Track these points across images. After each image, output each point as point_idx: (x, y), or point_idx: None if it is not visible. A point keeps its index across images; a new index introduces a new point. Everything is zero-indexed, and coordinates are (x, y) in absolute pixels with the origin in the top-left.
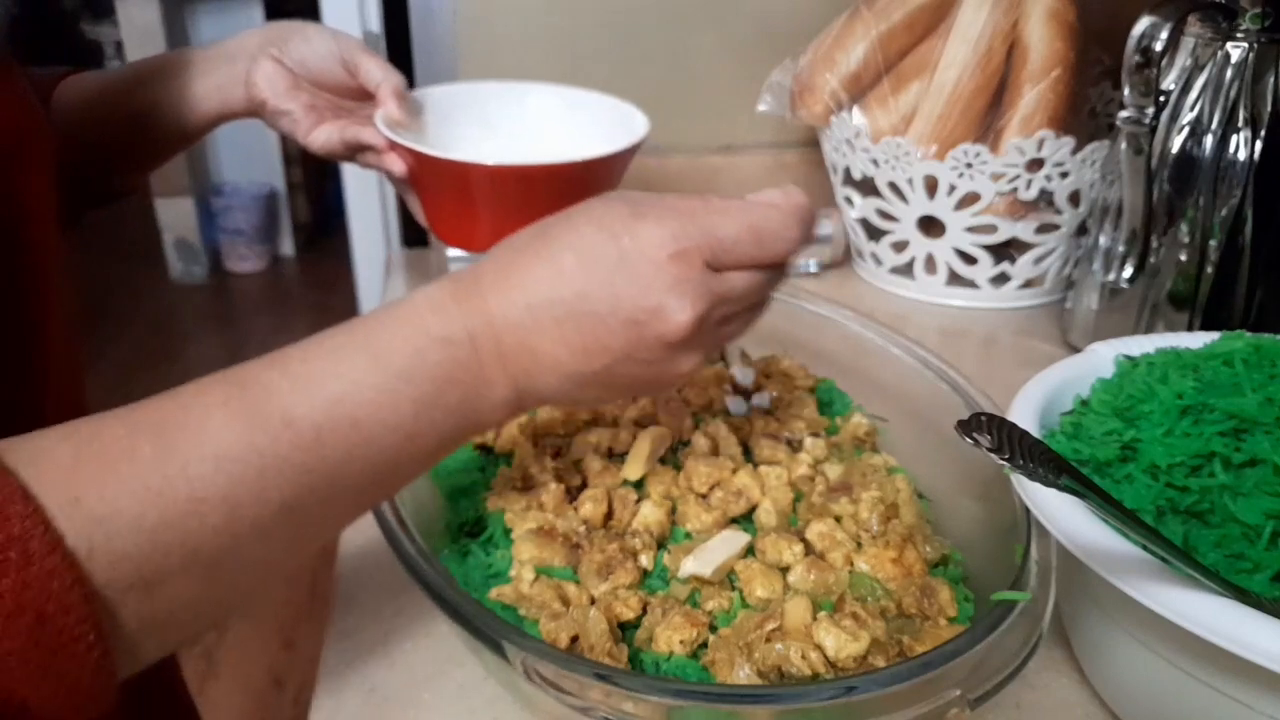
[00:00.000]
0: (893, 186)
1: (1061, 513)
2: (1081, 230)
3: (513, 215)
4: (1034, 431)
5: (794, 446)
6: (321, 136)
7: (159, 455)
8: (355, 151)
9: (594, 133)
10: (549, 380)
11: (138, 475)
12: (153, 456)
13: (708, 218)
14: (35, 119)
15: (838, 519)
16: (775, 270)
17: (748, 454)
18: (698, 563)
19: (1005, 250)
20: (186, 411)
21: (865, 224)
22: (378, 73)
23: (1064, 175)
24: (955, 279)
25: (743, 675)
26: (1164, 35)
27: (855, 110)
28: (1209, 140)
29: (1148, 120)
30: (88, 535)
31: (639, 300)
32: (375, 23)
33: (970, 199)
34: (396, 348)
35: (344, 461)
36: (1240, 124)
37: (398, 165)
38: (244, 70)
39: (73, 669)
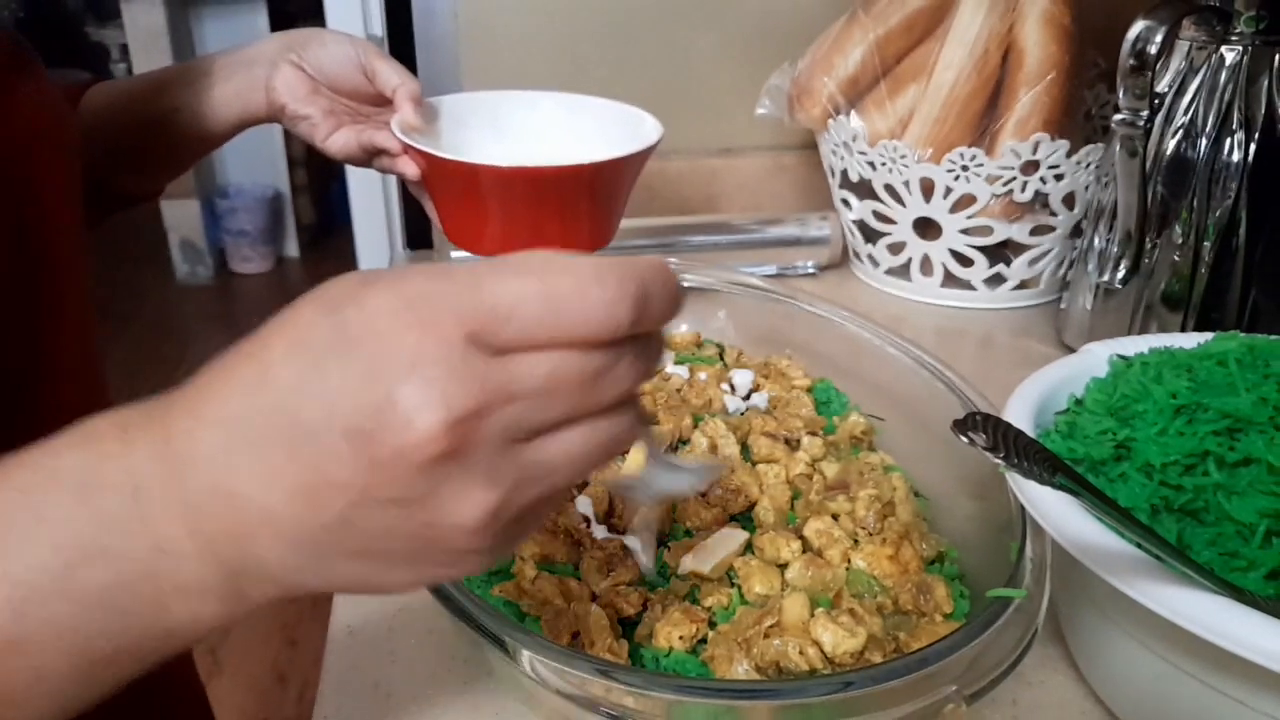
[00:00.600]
0: (889, 189)
1: (1056, 511)
2: (1076, 232)
3: (522, 218)
4: (1029, 430)
5: (792, 445)
6: (339, 141)
7: None
8: (372, 155)
9: (608, 139)
10: (269, 548)
11: None
12: None
13: (474, 276)
14: (57, 118)
15: (835, 517)
16: (610, 350)
17: (746, 453)
18: (697, 560)
19: (1001, 251)
20: None
21: (862, 226)
22: (394, 78)
23: (1059, 177)
24: (951, 280)
25: (741, 671)
26: (1159, 38)
27: (853, 113)
28: (1203, 143)
29: (1142, 123)
30: None
31: (361, 395)
32: (378, 25)
33: (966, 201)
34: (39, 486)
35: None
36: (1234, 126)
37: (411, 169)
38: (264, 76)
39: None
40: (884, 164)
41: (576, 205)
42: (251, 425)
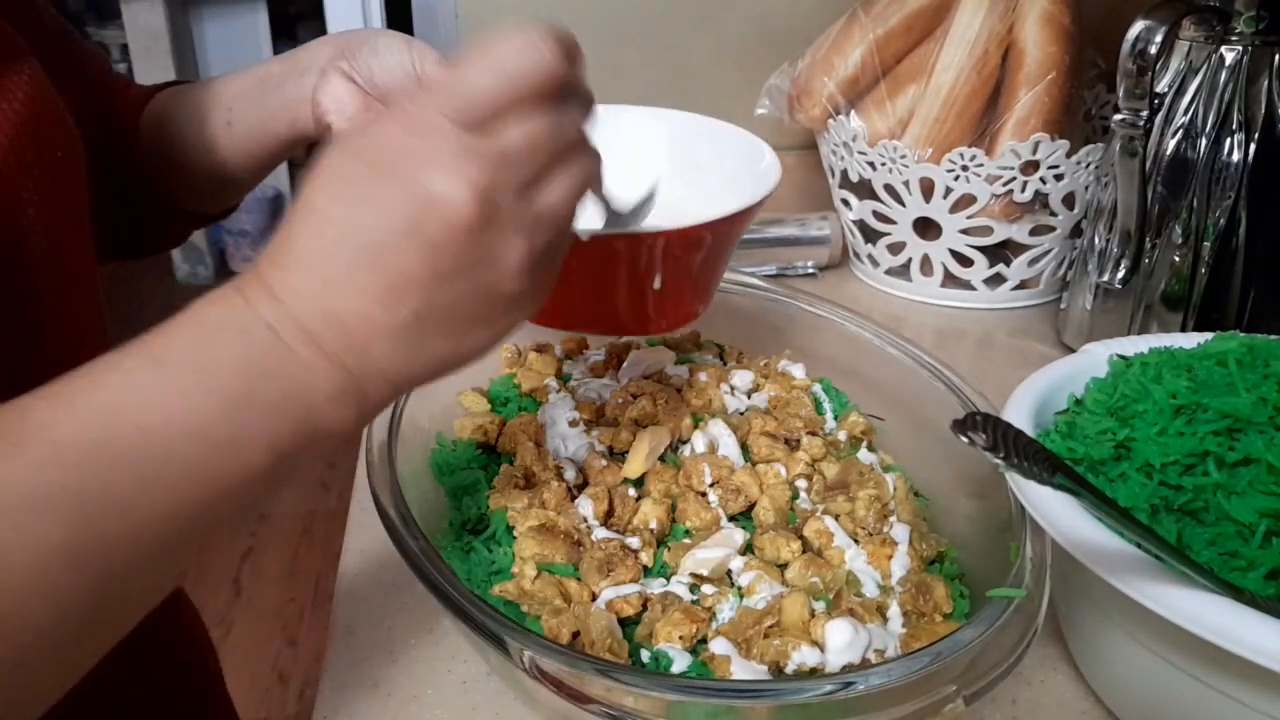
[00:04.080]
0: (889, 189)
1: (1056, 511)
2: (1076, 232)
3: (614, 281)
4: (1029, 430)
5: (792, 445)
6: None
7: None
8: None
9: (724, 171)
10: (378, 347)
11: None
12: None
13: (440, 84)
14: (41, 120)
15: (835, 517)
16: (555, 102)
17: (746, 452)
18: (697, 560)
19: (1000, 252)
20: None
21: (862, 226)
22: None
23: (1059, 178)
24: (951, 280)
25: (741, 671)
26: (1159, 38)
27: (852, 114)
28: (1203, 143)
29: (1142, 123)
30: None
31: (404, 201)
32: (378, 23)
33: (966, 201)
34: (178, 344)
35: (139, 484)
36: (1234, 126)
37: None
38: (312, 85)
39: None
40: (884, 164)
41: (681, 267)
42: (328, 256)
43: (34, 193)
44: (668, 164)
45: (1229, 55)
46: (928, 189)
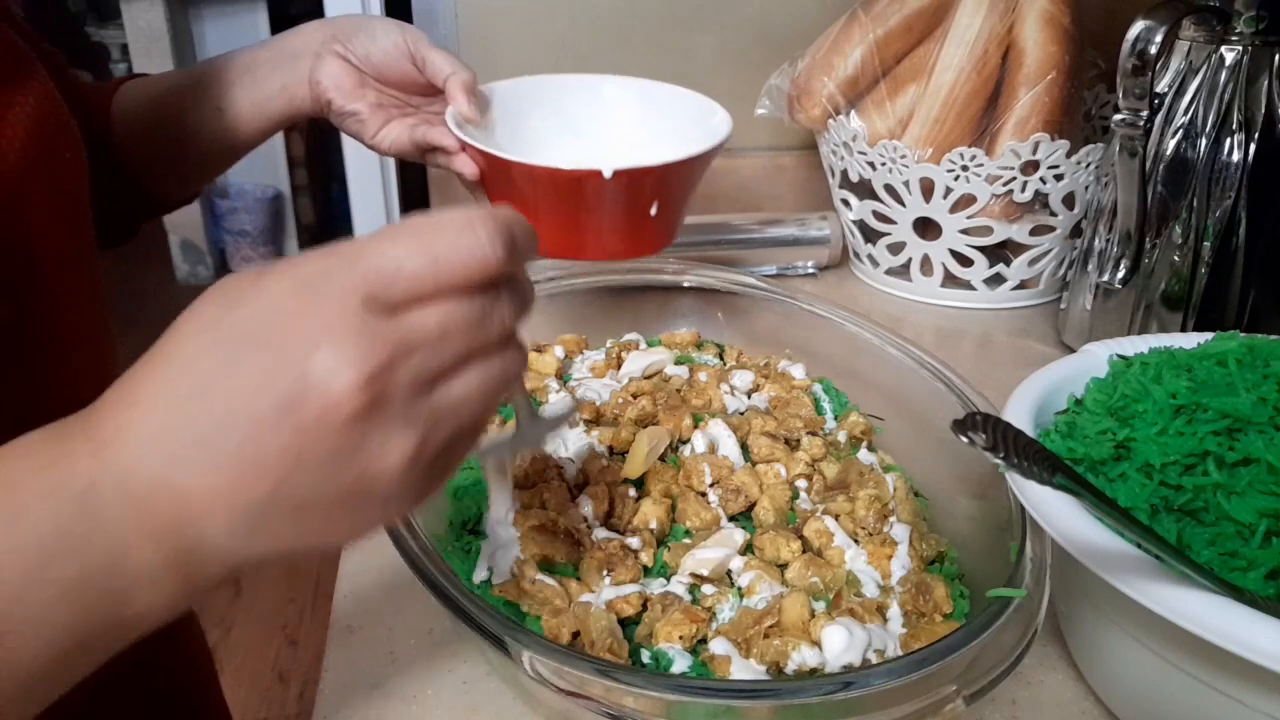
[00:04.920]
0: (889, 189)
1: (1056, 511)
2: (1076, 232)
3: (588, 221)
4: (1029, 430)
5: (792, 445)
6: (390, 137)
7: None
8: (425, 152)
9: (680, 132)
10: (217, 525)
11: None
12: None
13: (355, 248)
14: (50, 123)
15: (835, 517)
16: (485, 293)
17: (746, 453)
18: (697, 560)
19: (1000, 252)
20: None
21: (862, 226)
22: (446, 66)
23: (1059, 178)
24: (951, 280)
25: (741, 671)
26: (1159, 38)
27: (852, 114)
28: (1203, 143)
29: (1142, 123)
30: None
31: (280, 372)
32: None
33: (966, 201)
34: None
35: None
36: (1234, 126)
37: (469, 167)
38: (308, 69)
39: None
40: (884, 164)
41: (646, 206)
42: (181, 418)
43: (43, 190)
44: (639, 127)
45: (1229, 55)
46: (928, 189)
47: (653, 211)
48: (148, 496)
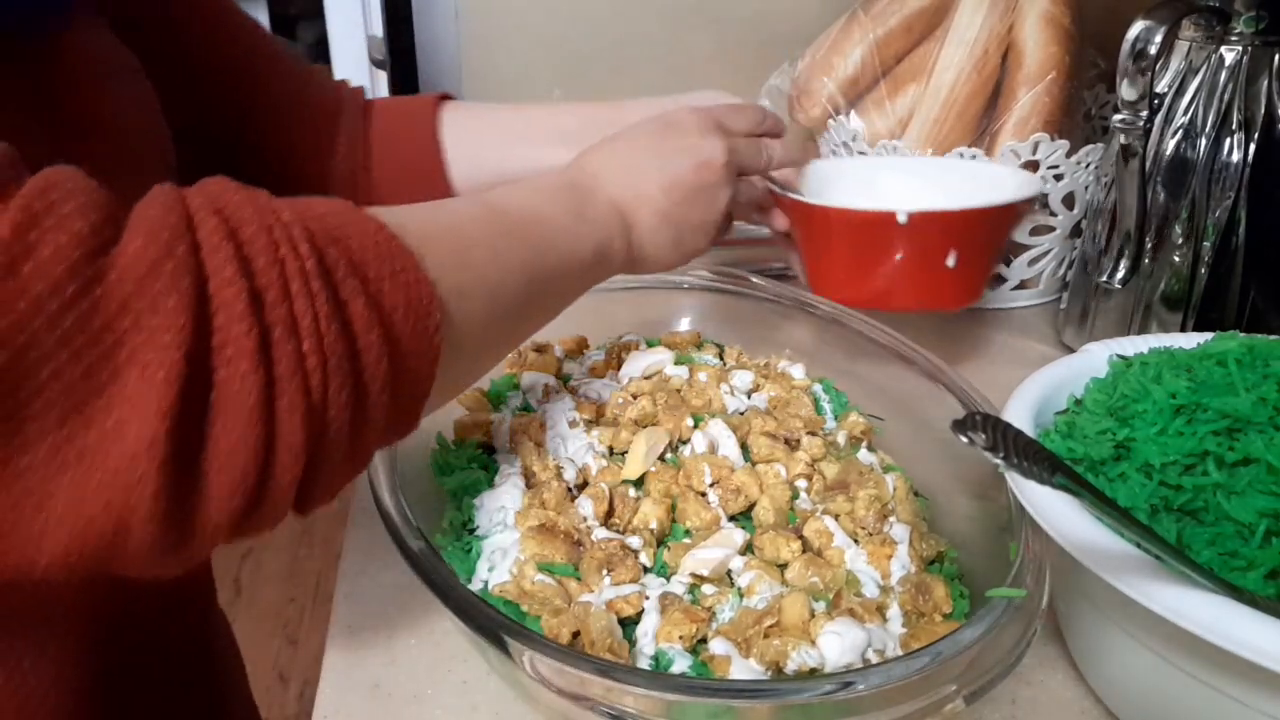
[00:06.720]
0: None
1: (1056, 511)
2: (1076, 232)
3: (874, 264)
4: (1029, 430)
5: (792, 445)
6: None
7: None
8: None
9: (986, 198)
10: (647, 220)
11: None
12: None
13: (713, 113)
14: (144, 127)
15: (835, 516)
16: (754, 136)
17: (746, 452)
18: (697, 560)
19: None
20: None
21: None
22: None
23: (1059, 178)
24: None
25: (741, 671)
26: (1158, 39)
27: (853, 114)
28: (1203, 143)
29: (1142, 123)
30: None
31: (688, 145)
32: (378, 25)
33: None
34: (533, 186)
35: (535, 244)
36: (1234, 126)
37: (780, 221)
38: None
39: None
40: None
41: (942, 255)
42: (633, 159)
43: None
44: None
45: (1229, 55)
46: None
47: (950, 262)
48: (619, 195)
